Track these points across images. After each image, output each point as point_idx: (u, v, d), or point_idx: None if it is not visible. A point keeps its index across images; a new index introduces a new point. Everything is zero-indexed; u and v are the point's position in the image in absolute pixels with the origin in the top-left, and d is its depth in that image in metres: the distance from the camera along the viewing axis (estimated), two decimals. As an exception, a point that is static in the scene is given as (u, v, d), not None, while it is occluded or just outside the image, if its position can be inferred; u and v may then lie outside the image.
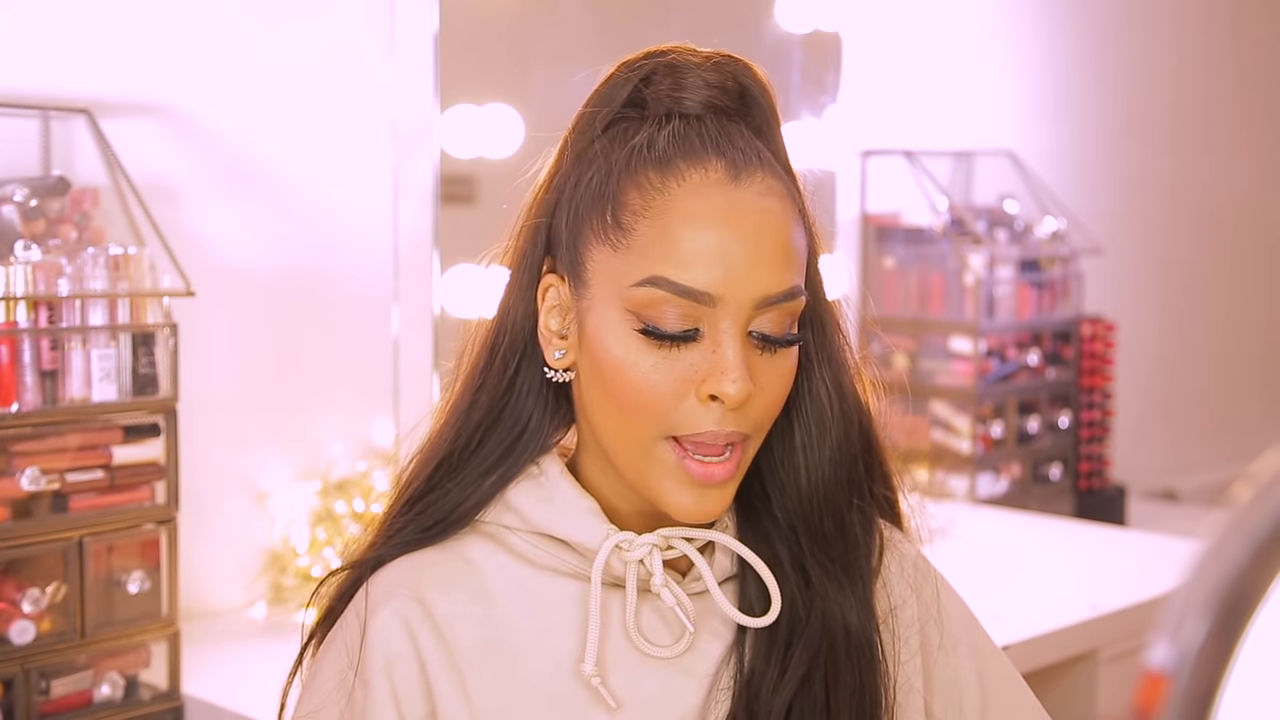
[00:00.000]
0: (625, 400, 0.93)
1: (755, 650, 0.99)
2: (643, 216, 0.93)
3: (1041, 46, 3.40)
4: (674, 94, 0.97)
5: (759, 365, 0.93)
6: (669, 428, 0.93)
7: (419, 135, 2.19)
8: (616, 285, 0.93)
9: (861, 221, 2.94)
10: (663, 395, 0.92)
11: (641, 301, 0.92)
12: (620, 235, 0.93)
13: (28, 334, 1.60)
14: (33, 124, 1.83)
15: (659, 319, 0.92)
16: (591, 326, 0.95)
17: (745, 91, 0.98)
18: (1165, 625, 0.48)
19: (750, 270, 0.91)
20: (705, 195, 0.92)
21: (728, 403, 0.91)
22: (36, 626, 1.60)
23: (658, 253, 0.92)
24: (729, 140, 0.95)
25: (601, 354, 0.94)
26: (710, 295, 0.91)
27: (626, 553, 0.97)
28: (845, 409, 1.01)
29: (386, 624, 0.97)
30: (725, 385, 0.91)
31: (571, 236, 0.97)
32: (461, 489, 1.00)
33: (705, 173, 0.93)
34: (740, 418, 0.93)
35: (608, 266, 0.94)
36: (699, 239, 0.91)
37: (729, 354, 0.91)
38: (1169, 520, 3.08)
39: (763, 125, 0.98)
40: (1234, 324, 4.11)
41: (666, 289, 0.91)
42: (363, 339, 2.18)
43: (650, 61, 0.98)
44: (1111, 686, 2.13)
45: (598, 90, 0.99)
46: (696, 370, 0.92)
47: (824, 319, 1.01)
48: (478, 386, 1.01)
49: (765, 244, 0.92)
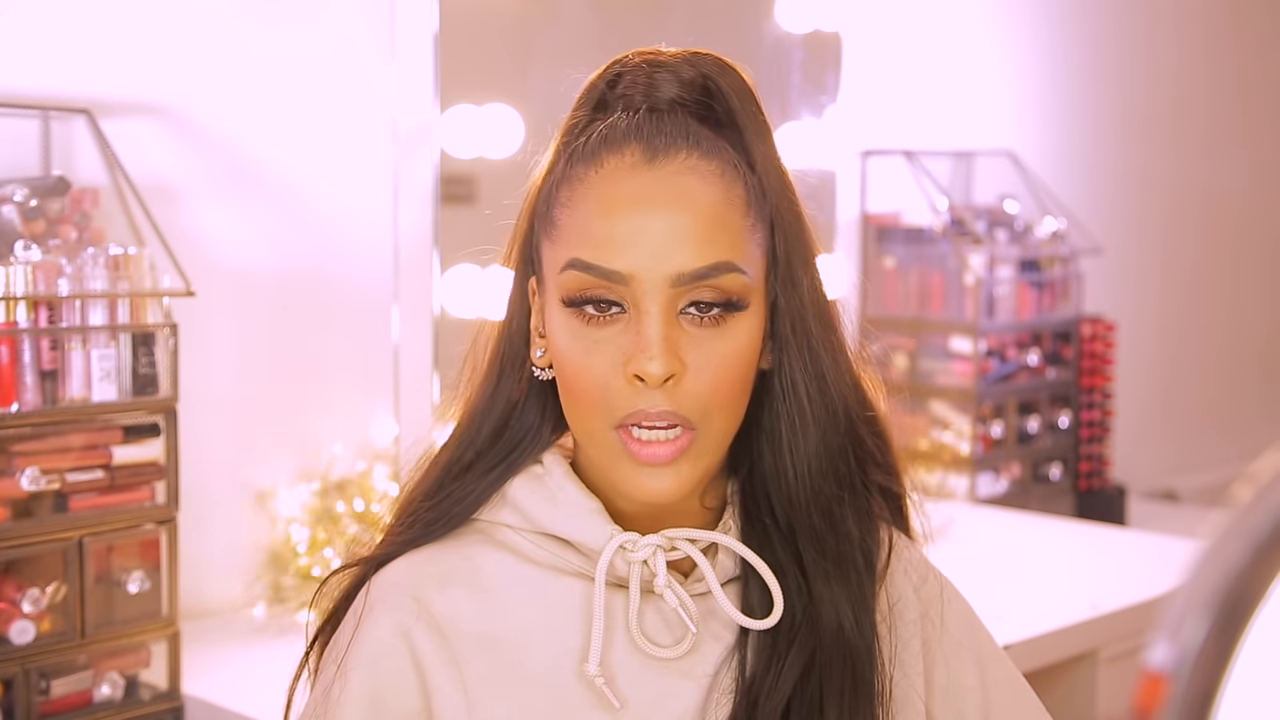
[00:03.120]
0: (573, 388, 0.96)
1: (756, 652, 0.99)
2: (567, 207, 0.96)
3: (1041, 46, 3.39)
4: (634, 93, 0.99)
5: (689, 344, 0.94)
6: (610, 415, 0.94)
7: (419, 135, 2.19)
8: (552, 275, 0.97)
9: (861, 221, 2.94)
10: (596, 377, 0.94)
11: (568, 287, 0.95)
12: (552, 227, 0.97)
13: (28, 334, 1.60)
14: (33, 124, 1.83)
15: (583, 300, 0.95)
16: (548, 321, 0.98)
17: (708, 84, 0.99)
18: (1165, 625, 0.48)
19: (662, 248, 0.93)
20: (619, 179, 0.95)
21: (649, 380, 0.92)
22: (36, 626, 1.60)
23: (575, 239, 0.95)
24: (657, 128, 0.96)
25: (554, 346, 0.97)
26: (621, 274, 0.93)
27: (630, 553, 0.98)
28: (827, 400, 0.99)
29: (379, 621, 0.97)
30: (644, 363, 0.92)
31: (536, 238, 1.00)
32: (465, 486, 1.02)
33: (621, 157, 0.96)
34: (671, 398, 0.93)
35: (547, 259, 0.98)
36: (609, 221, 0.94)
37: (649, 332, 0.92)
38: (1169, 520, 3.07)
39: (731, 117, 0.99)
40: (1234, 324, 4.11)
41: (582, 270, 0.94)
42: (363, 339, 2.18)
43: (618, 64, 1.01)
44: (1111, 686, 2.13)
45: (579, 97, 1.03)
46: (623, 351, 0.93)
47: (798, 310, 0.99)
48: (493, 389, 1.03)
49: (679, 221, 0.93)
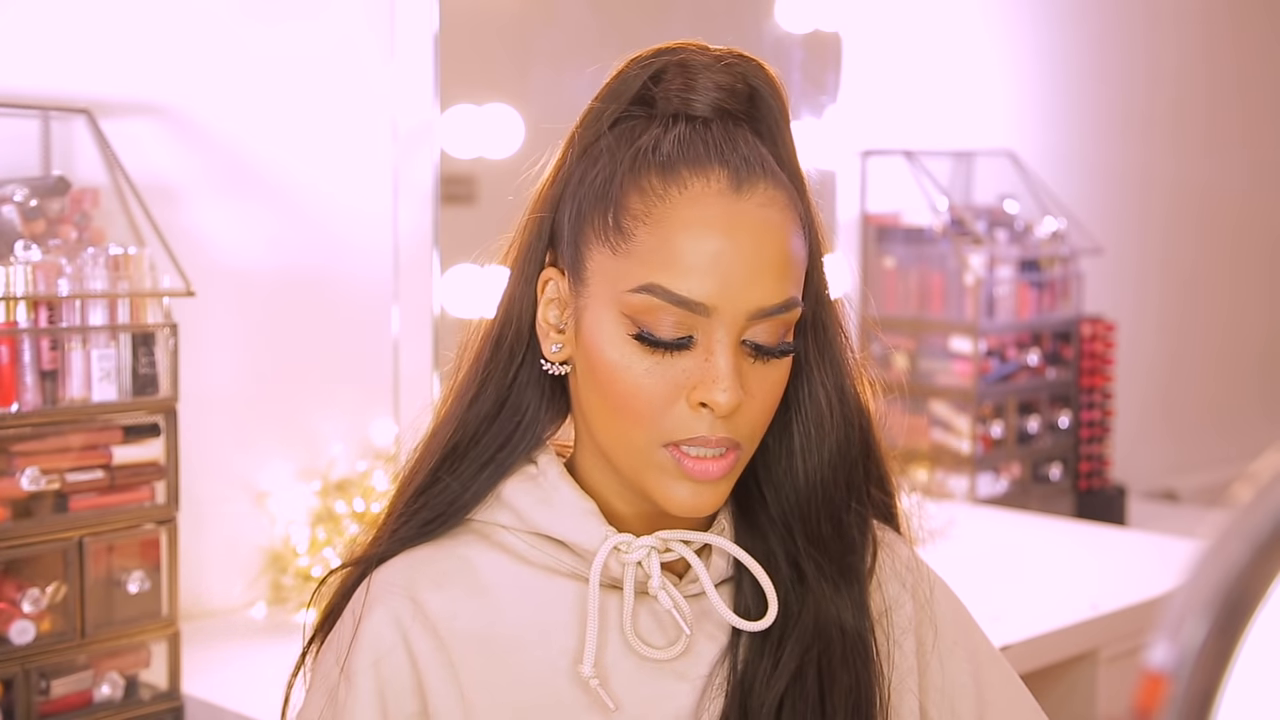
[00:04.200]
0: (618, 403, 0.94)
1: (749, 651, 0.99)
2: (643, 222, 0.93)
3: (1041, 46, 3.39)
4: (683, 94, 0.96)
5: (750, 374, 0.94)
6: (662, 434, 0.93)
7: (419, 135, 2.19)
8: (614, 288, 0.93)
9: (861, 221, 2.94)
10: (654, 400, 0.92)
11: (638, 307, 0.92)
12: (620, 239, 0.93)
13: (28, 334, 1.60)
14: (33, 124, 1.83)
15: (654, 326, 0.92)
16: (588, 325, 0.95)
17: (755, 94, 0.98)
18: (1165, 625, 0.48)
19: (746, 282, 0.92)
20: (706, 205, 0.92)
21: (718, 411, 0.91)
22: (36, 626, 1.60)
23: (656, 260, 0.92)
24: (734, 148, 0.94)
25: (596, 354, 0.94)
26: (705, 305, 0.91)
27: (625, 554, 0.97)
28: (846, 413, 1.01)
29: (379, 621, 0.97)
30: (716, 394, 0.91)
31: (573, 233, 0.97)
32: (461, 482, 1.00)
33: (707, 182, 0.93)
34: (731, 425, 0.93)
35: (606, 268, 0.94)
36: (697, 249, 0.91)
37: (721, 363, 0.91)
38: (1169, 520, 3.07)
39: (771, 128, 0.98)
40: (1233, 324, 4.11)
41: (662, 297, 0.91)
42: (363, 339, 2.18)
43: (660, 59, 0.97)
44: (1111, 686, 2.13)
45: (607, 85, 0.99)
46: (689, 377, 0.92)
47: (826, 322, 1.01)
48: (483, 379, 1.01)
49: (762, 256, 0.92)
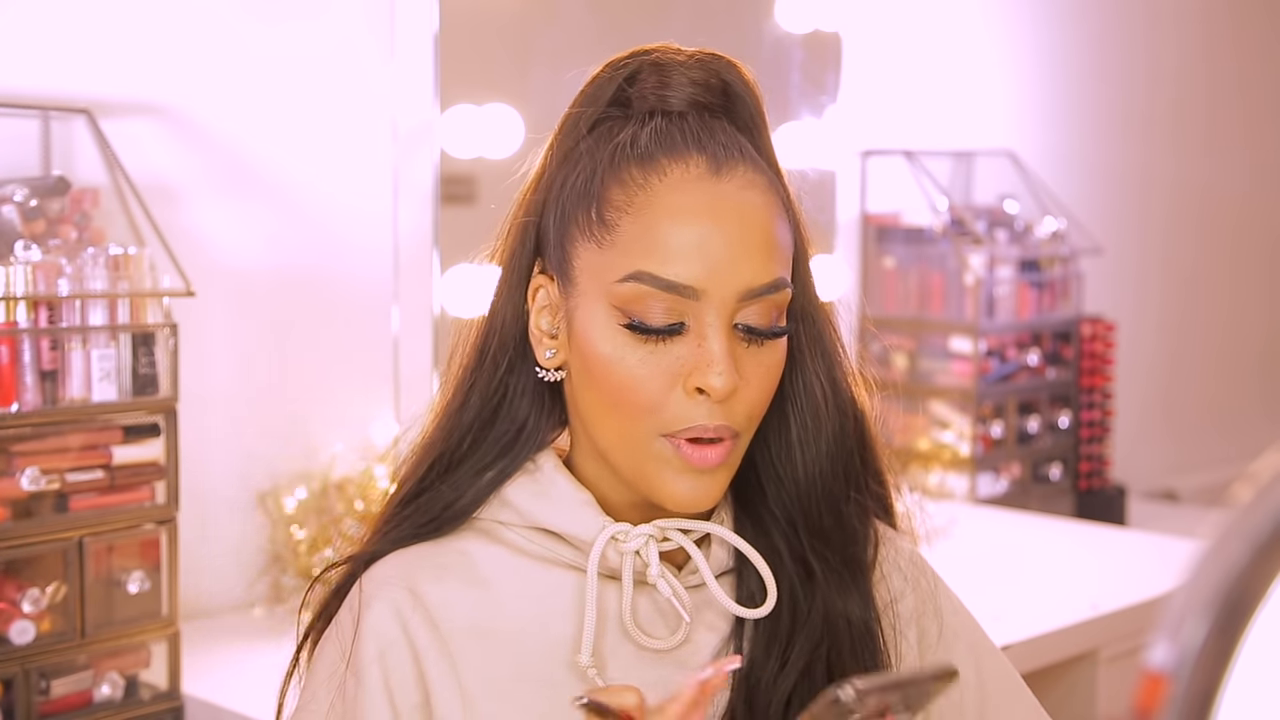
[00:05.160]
0: (615, 396, 0.94)
1: (755, 643, 0.99)
2: (626, 212, 0.94)
3: (1041, 46, 3.39)
4: (658, 92, 0.98)
5: (744, 358, 0.94)
6: (660, 425, 0.93)
7: (419, 135, 2.19)
8: (602, 281, 0.94)
9: (861, 221, 2.94)
10: (650, 389, 0.93)
11: (626, 297, 0.93)
12: (604, 232, 0.94)
13: (28, 334, 1.60)
14: (33, 124, 1.83)
15: (644, 314, 0.93)
16: (580, 323, 0.96)
17: (729, 89, 0.99)
18: (1165, 625, 0.48)
19: (733, 263, 0.92)
20: (687, 190, 0.93)
21: (714, 395, 0.92)
22: (36, 626, 1.60)
23: (641, 248, 0.92)
24: (711, 135, 0.95)
25: (590, 351, 0.95)
26: (693, 289, 0.92)
27: (622, 544, 0.98)
28: (840, 403, 1.01)
29: (379, 615, 0.97)
30: (711, 378, 0.91)
31: (559, 236, 0.97)
32: (456, 487, 1.01)
33: (686, 167, 0.94)
34: (728, 411, 0.93)
35: (593, 263, 0.95)
36: (681, 233, 0.92)
37: (714, 347, 0.92)
38: (1169, 520, 3.07)
39: (747, 121, 0.99)
40: (1233, 324, 4.11)
41: (650, 284, 0.92)
42: (362, 339, 2.18)
43: (634, 60, 0.99)
44: (1111, 686, 2.13)
45: (583, 91, 1.00)
46: (683, 364, 0.93)
47: (814, 314, 1.01)
48: (469, 386, 1.01)
49: (747, 237, 0.93)
